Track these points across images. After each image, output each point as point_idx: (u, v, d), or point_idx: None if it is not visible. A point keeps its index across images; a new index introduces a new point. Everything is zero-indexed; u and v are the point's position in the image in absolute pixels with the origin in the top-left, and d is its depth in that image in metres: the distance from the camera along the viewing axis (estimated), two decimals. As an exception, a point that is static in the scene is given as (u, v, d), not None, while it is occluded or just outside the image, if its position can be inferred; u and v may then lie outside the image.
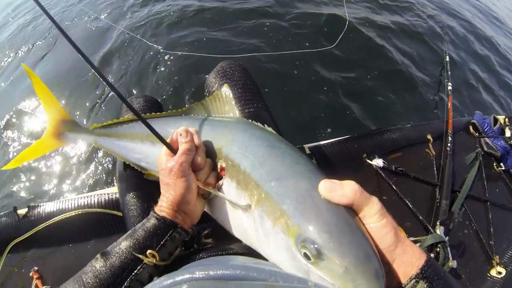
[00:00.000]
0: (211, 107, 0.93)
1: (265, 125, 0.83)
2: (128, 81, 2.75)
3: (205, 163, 0.77)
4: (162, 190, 0.74)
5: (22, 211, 1.23)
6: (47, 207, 1.21)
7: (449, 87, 1.82)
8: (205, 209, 0.84)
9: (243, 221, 0.74)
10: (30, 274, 1.11)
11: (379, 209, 0.54)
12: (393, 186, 1.25)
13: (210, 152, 0.82)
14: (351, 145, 1.32)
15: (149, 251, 0.65)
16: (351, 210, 0.56)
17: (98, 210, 1.15)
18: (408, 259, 0.53)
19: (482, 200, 1.40)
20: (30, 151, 1.04)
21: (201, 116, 0.94)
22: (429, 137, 1.48)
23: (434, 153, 1.44)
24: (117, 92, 0.76)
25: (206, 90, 1.33)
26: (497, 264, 1.23)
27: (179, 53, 2.73)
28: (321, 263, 0.51)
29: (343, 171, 1.24)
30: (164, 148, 0.76)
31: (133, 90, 2.67)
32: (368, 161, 1.29)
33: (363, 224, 0.56)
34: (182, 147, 0.74)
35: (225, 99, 0.91)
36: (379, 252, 0.53)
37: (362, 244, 0.52)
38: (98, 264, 0.65)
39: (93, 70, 0.74)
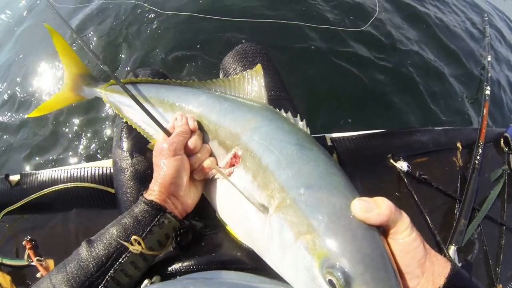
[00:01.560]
0: (237, 86, 0.84)
1: (297, 119, 0.75)
2: (115, 46, 2.49)
3: (200, 148, 0.75)
4: (154, 174, 0.71)
5: (14, 178, 1.20)
6: (40, 176, 1.17)
7: (487, 92, 1.65)
8: (208, 200, 0.80)
9: (251, 221, 0.66)
10: (23, 243, 1.09)
11: (409, 223, 0.53)
12: (414, 195, 1.13)
13: (225, 135, 0.74)
14: (377, 143, 1.17)
15: (134, 237, 0.62)
16: (381, 235, 0.52)
17: (91, 185, 1.11)
18: (436, 269, 0.52)
19: (498, 223, 1.30)
20: (50, 103, 1.09)
21: (222, 93, 0.85)
22: (458, 144, 1.35)
23: (461, 163, 1.31)
24: (113, 74, 0.82)
25: (222, 72, 1.21)
26: (499, 292, 1.16)
27: (169, 13, 2.47)
28: None
29: (365, 169, 1.11)
30: (162, 134, 0.75)
31: (121, 55, 2.42)
32: (392, 162, 1.16)
33: (393, 242, 0.53)
34: (176, 130, 0.74)
35: (254, 80, 0.82)
36: (411, 267, 0.52)
37: (394, 282, 0.48)
38: (82, 252, 0.62)
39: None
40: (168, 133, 0.74)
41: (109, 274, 0.60)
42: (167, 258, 0.71)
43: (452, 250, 1.10)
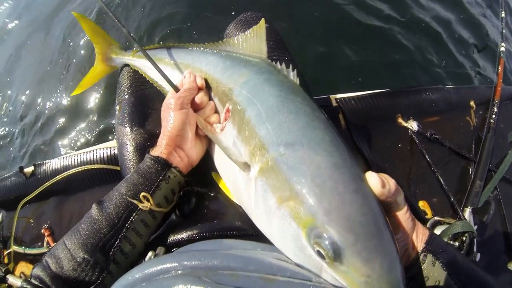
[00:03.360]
0: (242, 44, 0.85)
1: (289, 70, 0.73)
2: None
3: (206, 104, 0.78)
4: (162, 129, 0.74)
5: (28, 170, 1.24)
6: (52, 164, 1.21)
7: (502, 48, 1.53)
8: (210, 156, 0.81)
9: (238, 179, 0.64)
10: (42, 231, 1.14)
11: (403, 196, 0.55)
12: (426, 156, 1.05)
13: (222, 90, 0.75)
14: (384, 102, 1.10)
15: (142, 193, 0.64)
16: (379, 203, 0.49)
17: (101, 166, 1.14)
18: (418, 237, 0.56)
19: (516, 184, 1.22)
20: (89, 78, 1.17)
21: (226, 52, 0.88)
22: (472, 103, 1.26)
23: (475, 123, 1.23)
24: (136, 41, 0.92)
25: None
26: (518, 257, 1.10)
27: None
28: (337, 266, 0.44)
29: (372, 130, 1.04)
30: (170, 90, 0.79)
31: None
32: (401, 121, 1.08)
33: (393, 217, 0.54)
34: (184, 86, 0.78)
35: (257, 36, 0.82)
36: (401, 238, 0.54)
37: (389, 249, 0.45)
38: (94, 214, 0.64)
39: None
40: (176, 89, 0.78)
41: (121, 233, 0.62)
42: (170, 228, 0.70)
43: (467, 212, 1.03)
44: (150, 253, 0.61)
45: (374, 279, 0.42)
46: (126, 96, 1.00)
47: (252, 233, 0.65)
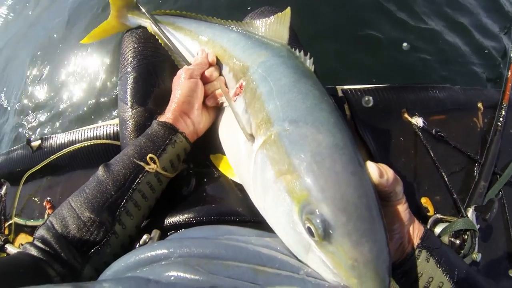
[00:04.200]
0: (266, 27, 0.88)
1: (306, 58, 0.75)
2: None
3: (215, 79, 0.81)
4: (171, 97, 0.78)
5: (35, 143, 1.25)
6: (59, 138, 1.22)
7: (512, 54, 1.52)
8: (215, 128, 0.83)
9: (241, 151, 0.66)
10: (44, 203, 1.15)
11: (402, 186, 0.55)
12: (431, 152, 1.04)
13: (239, 67, 0.78)
14: (390, 96, 1.09)
15: (149, 155, 0.65)
16: (375, 190, 0.49)
17: (106, 141, 1.15)
18: (414, 232, 0.56)
19: (522, 190, 1.20)
20: (99, 31, 1.15)
21: (250, 32, 0.90)
22: (479, 105, 1.25)
23: (482, 124, 1.22)
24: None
25: None
26: (519, 264, 1.07)
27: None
28: (326, 245, 0.44)
29: (377, 123, 1.03)
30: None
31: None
32: (407, 116, 1.07)
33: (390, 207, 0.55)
34: (194, 61, 0.84)
35: (281, 22, 0.85)
36: (397, 229, 0.54)
37: (379, 236, 0.44)
38: (100, 175, 0.64)
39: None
40: (188, 63, 0.85)
41: (128, 194, 0.62)
42: (167, 210, 0.69)
43: (470, 211, 1.01)
44: (145, 236, 0.61)
45: (361, 263, 0.42)
46: (129, 69, 0.98)
47: (250, 219, 0.65)
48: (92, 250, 0.59)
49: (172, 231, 0.65)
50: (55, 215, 0.62)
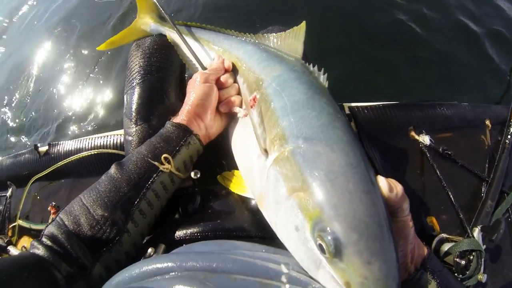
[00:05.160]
0: (281, 40, 0.88)
1: (320, 73, 0.75)
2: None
3: (229, 85, 0.82)
4: (184, 101, 0.77)
5: (43, 149, 1.27)
6: (66, 145, 1.24)
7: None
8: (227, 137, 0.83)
9: (253, 165, 0.66)
10: (48, 208, 1.15)
11: (409, 203, 0.54)
12: (437, 171, 1.03)
13: (254, 80, 0.78)
14: (397, 113, 1.09)
15: (164, 155, 0.66)
16: (387, 209, 0.49)
17: (114, 151, 1.16)
18: (417, 251, 0.56)
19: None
20: (120, 37, 1.15)
21: (266, 45, 0.90)
22: (487, 122, 1.24)
23: (489, 142, 1.21)
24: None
25: None
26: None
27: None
28: (336, 262, 0.44)
29: (384, 141, 1.03)
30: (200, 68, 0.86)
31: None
32: (414, 134, 1.07)
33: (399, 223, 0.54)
34: (210, 66, 0.83)
35: (296, 36, 0.86)
36: (402, 246, 0.54)
37: (389, 256, 0.45)
38: (113, 173, 0.64)
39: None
40: (204, 68, 0.85)
41: (141, 193, 0.62)
42: (172, 226, 0.70)
43: (476, 231, 1.00)
44: (150, 250, 0.61)
45: (370, 281, 0.42)
46: (134, 85, 0.99)
47: (256, 235, 0.65)
48: (104, 249, 0.58)
49: (177, 246, 0.63)
50: (66, 212, 0.60)
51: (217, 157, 0.88)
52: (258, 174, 0.62)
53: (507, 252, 1.09)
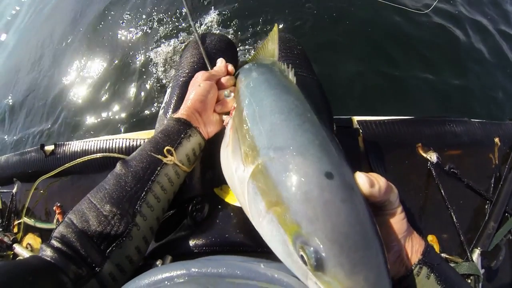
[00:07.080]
0: (262, 49, 0.91)
1: (288, 70, 0.74)
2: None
3: (229, 87, 0.83)
4: (185, 97, 0.80)
5: (49, 148, 1.28)
6: (72, 146, 1.24)
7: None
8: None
9: (234, 178, 0.63)
10: (54, 208, 1.19)
11: (397, 194, 0.53)
12: (441, 190, 1.03)
13: (236, 90, 0.80)
14: (406, 129, 1.07)
15: (167, 147, 0.68)
16: (370, 212, 0.46)
17: (120, 155, 1.17)
18: (413, 247, 0.54)
19: (533, 231, 1.18)
20: None
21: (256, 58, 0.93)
22: (496, 140, 1.22)
23: (497, 161, 1.19)
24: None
25: None
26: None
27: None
28: (320, 276, 0.43)
29: (391, 156, 1.02)
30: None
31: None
32: (421, 152, 1.06)
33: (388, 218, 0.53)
34: (214, 68, 0.87)
35: (271, 41, 0.87)
36: (394, 241, 0.52)
37: (375, 263, 0.43)
38: (119, 170, 0.65)
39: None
40: (207, 70, 0.89)
41: (147, 186, 0.64)
42: (179, 238, 0.70)
43: (476, 253, 1.00)
44: (157, 262, 0.61)
45: None
46: (180, 80, 0.99)
47: (263, 250, 0.64)
48: (114, 244, 0.58)
49: (185, 259, 0.64)
50: (74, 212, 0.61)
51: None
52: (239, 187, 0.60)
53: (506, 273, 1.08)
